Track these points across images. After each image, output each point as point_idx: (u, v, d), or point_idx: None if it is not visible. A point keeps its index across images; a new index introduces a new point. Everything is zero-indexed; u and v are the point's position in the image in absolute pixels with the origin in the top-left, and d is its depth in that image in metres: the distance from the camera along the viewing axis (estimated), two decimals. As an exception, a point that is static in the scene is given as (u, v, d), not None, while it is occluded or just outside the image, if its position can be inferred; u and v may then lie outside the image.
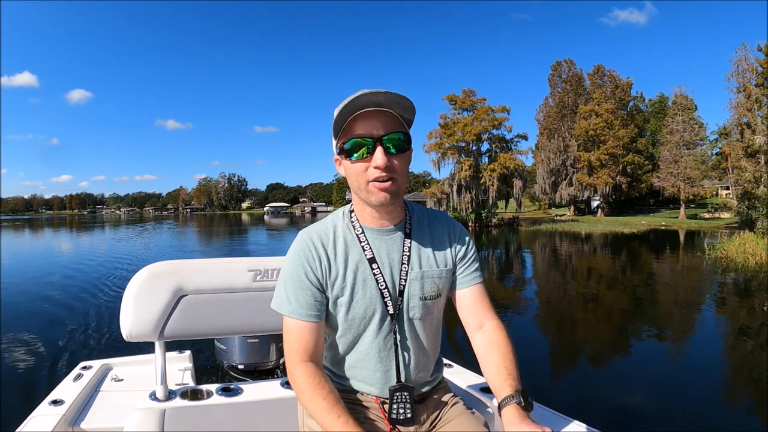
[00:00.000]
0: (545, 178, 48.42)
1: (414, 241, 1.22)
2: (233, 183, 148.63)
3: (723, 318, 8.23)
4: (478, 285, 1.27)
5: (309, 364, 1.15)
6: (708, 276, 12.85)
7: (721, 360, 6.04)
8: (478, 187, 36.13)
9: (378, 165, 1.07)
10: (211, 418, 1.60)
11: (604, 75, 51.84)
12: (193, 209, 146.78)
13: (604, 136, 45.10)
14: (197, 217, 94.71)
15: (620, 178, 44.89)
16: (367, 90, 1.07)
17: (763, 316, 8.08)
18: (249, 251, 22.34)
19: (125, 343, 1.68)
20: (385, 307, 1.17)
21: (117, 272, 12.42)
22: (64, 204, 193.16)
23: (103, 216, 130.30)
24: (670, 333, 7.32)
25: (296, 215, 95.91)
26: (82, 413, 1.97)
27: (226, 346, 2.87)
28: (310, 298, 1.16)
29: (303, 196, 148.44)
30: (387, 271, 1.18)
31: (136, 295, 1.63)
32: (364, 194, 1.13)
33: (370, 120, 1.08)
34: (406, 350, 1.21)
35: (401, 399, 1.18)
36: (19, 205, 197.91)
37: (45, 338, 6.11)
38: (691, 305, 9.39)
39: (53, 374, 4.67)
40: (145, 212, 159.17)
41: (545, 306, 9.53)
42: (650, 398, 4.57)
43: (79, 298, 8.95)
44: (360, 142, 1.08)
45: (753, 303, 9.39)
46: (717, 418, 4.21)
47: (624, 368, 5.69)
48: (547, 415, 1.60)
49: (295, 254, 1.19)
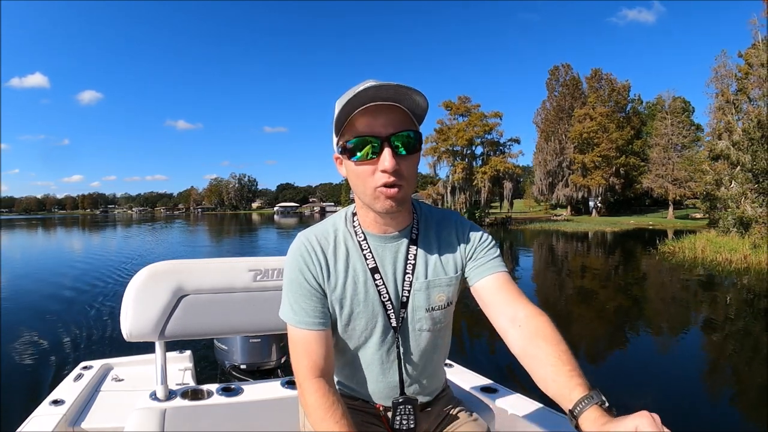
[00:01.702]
0: (542, 179, 50.26)
1: (420, 248, 1.11)
2: (243, 183, 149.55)
3: (636, 291, 10.31)
4: (502, 273, 1.10)
5: (320, 381, 1.05)
6: (649, 266, 15.07)
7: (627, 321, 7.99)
8: (471, 189, 38.23)
9: (385, 168, 0.94)
10: (211, 418, 1.60)
11: (601, 79, 53.27)
12: (204, 209, 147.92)
13: (598, 139, 46.73)
14: (208, 217, 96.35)
15: (613, 180, 46.51)
16: (373, 81, 0.94)
17: (669, 289, 10.12)
18: (259, 247, 23.53)
19: (125, 343, 1.68)
20: (387, 319, 1.09)
21: (122, 271, 12.47)
22: (76, 204, 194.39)
23: (115, 215, 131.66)
24: (590, 300, 9.40)
25: (305, 215, 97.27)
26: (83, 413, 1.99)
27: (227, 346, 2.85)
28: (315, 305, 1.07)
29: (313, 196, 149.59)
30: (390, 281, 1.09)
31: (136, 295, 1.62)
32: (369, 199, 1.00)
33: (376, 116, 0.95)
34: (411, 363, 1.14)
35: (404, 412, 1.12)
36: (32, 204, 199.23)
37: (45, 338, 6.16)
38: (619, 284, 11.62)
39: (54, 374, 4.70)
40: (157, 212, 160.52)
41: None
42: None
43: (81, 297, 9.01)
44: (365, 141, 0.95)
45: (664, 281, 11.87)
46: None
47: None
48: (547, 414, 1.62)
49: (293, 258, 1.10)
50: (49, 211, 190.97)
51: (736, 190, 19.29)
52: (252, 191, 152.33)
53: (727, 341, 6.74)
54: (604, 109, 47.89)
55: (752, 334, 7.08)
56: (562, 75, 55.08)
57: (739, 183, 19.26)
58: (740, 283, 11.58)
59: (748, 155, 18.90)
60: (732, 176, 19.70)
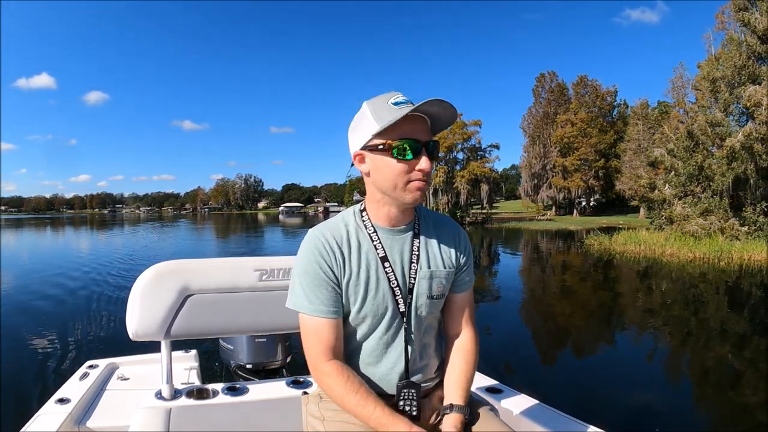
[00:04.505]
0: (527, 181, 53.71)
1: (422, 241, 1.24)
2: (249, 183, 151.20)
3: (550, 275, 13.70)
4: (469, 291, 1.33)
5: (335, 362, 1.16)
6: (569, 253, 19.12)
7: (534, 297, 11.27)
8: (451, 191, 41.87)
9: (423, 168, 1.11)
10: (216, 418, 1.61)
11: (587, 85, 56.08)
12: (210, 209, 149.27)
13: (578, 143, 49.91)
14: (214, 217, 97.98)
15: (593, 182, 49.79)
16: (402, 96, 1.13)
17: (570, 265, 13.55)
18: (264, 245, 25.13)
19: (131, 342, 1.70)
20: (396, 304, 1.19)
21: (128, 270, 12.68)
22: (84, 203, 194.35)
23: (123, 215, 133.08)
24: (506, 273, 13.10)
25: (309, 215, 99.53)
26: (88, 412, 2.00)
27: (232, 346, 2.88)
28: (330, 294, 1.16)
29: (318, 196, 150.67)
30: (398, 269, 1.20)
31: (142, 295, 1.64)
32: (399, 192, 1.14)
33: (415, 123, 1.11)
34: (414, 347, 1.23)
35: (408, 396, 1.20)
36: (41, 204, 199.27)
37: (52, 337, 6.18)
38: (536, 262, 15.06)
39: (59, 373, 4.73)
40: (164, 211, 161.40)
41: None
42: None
43: (88, 296, 9.12)
44: (411, 143, 1.10)
45: (567, 260, 15.32)
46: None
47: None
48: (551, 414, 1.66)
49: (308, 251, 1.18)
50: (58, 210, 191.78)
51: (669, 193, 22.46)
52: (258, 191, 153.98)
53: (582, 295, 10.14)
54: (585, 115, 50.78)
55: (601, 290, 10.51)
56: (548, 82, 58.10)
57: (673, 186, 22.41)
58: (624, 263, 15.21)
59: (681, 161, 22.07)
60: (666, 180, 22.87)
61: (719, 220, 18.79)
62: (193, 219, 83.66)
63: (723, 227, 18.63)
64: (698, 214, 19.37)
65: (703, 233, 18.65)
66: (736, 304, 9.39)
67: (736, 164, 19.53)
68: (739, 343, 6.56)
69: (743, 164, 19.33)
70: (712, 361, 5.81)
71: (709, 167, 20.52)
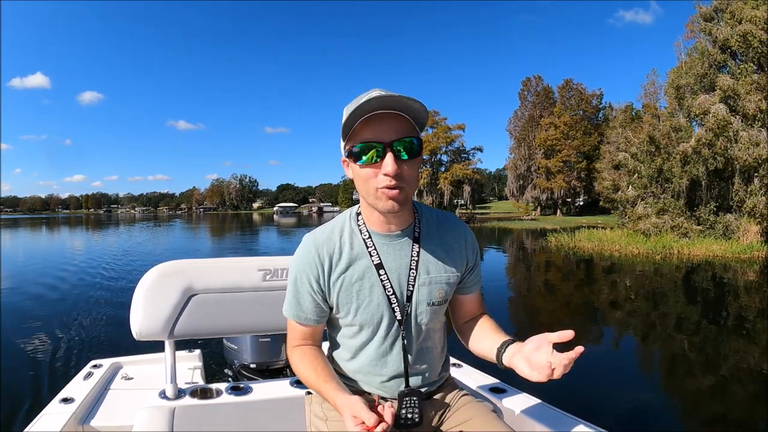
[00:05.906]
0: (513, 182, 55.57)
1: (422, 246, 1.19)
2: (245, 184, 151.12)
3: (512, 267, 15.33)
4: (479, 291, 1.32)
5: (304, 346, 1.22)
6: (532, 248, 20.65)
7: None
8: (436, 192, 43.74)
9: (387, 172, 1.02)
10: (220, 417, 1.61)
11: (572, 89, 57.80)
12: (205, 209, 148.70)
13: (560, 146, 51.78)
14: (209, 217, 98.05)
15: (575, 183, 51.65)
16: (379, 91, 1.04)
17: (529, 258, 15.30)
18: (259, 244, 25.20)
19: (135, 341, 1.70)
20: (392, 313, 1.17)
21: (131, 270, 12.70)
22: (80, 203, 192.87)
23: (119, 215, 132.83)
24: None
25: (304, 215, 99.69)
26: (92, 411, 2.00)
27: (236, 345, 2.88)
28: (311, 305, 1.19)
29: (312, 196, 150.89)
30: (395, 276, 1.16)
31: (146, 295, 1.64)
32: (372, 200, 1.09)
33: (380, 123, 1.03)
34: (414, 355, 1.21)
35: (409, 404, 1.18)
36: (37, 204, 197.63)
37: (56, 337, 6.18)
38: (498, 256, 16.61)
39: (63, 372, 4.75)
40: (160, 212, 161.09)
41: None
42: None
43: (91, 296, 9.12)
44: (369, 146, 1.03)
45: (526, 255, 17.02)
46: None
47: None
48: (554, 414, 1.64)
49: (297, 261, 1.19)
50: (54, 210, 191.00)
51: (632, 194, 24.10)
52: (253, 191, 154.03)
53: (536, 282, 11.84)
54: (569, 118, 52.63)
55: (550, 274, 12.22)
56: (534, 86, 59.84)
57: (635, 188, 24.04)
58: (571, 257, 16.81)
59: (644, 164, 23.69)
60: (629, 182, 24.52)
61: (671, 219, 20.46)
62: (188, 219, 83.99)
63: (674, 225, 20.27)
64: (654, 214, 21.05)
65: (654, 231, 20.29)
66: (658, 294, 10.67)
67: (689, 167, 21.21)
68: (650, 330, 8.14)
69: (695, 167, 21.00)
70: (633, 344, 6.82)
71: (669, 170, 22.19)
